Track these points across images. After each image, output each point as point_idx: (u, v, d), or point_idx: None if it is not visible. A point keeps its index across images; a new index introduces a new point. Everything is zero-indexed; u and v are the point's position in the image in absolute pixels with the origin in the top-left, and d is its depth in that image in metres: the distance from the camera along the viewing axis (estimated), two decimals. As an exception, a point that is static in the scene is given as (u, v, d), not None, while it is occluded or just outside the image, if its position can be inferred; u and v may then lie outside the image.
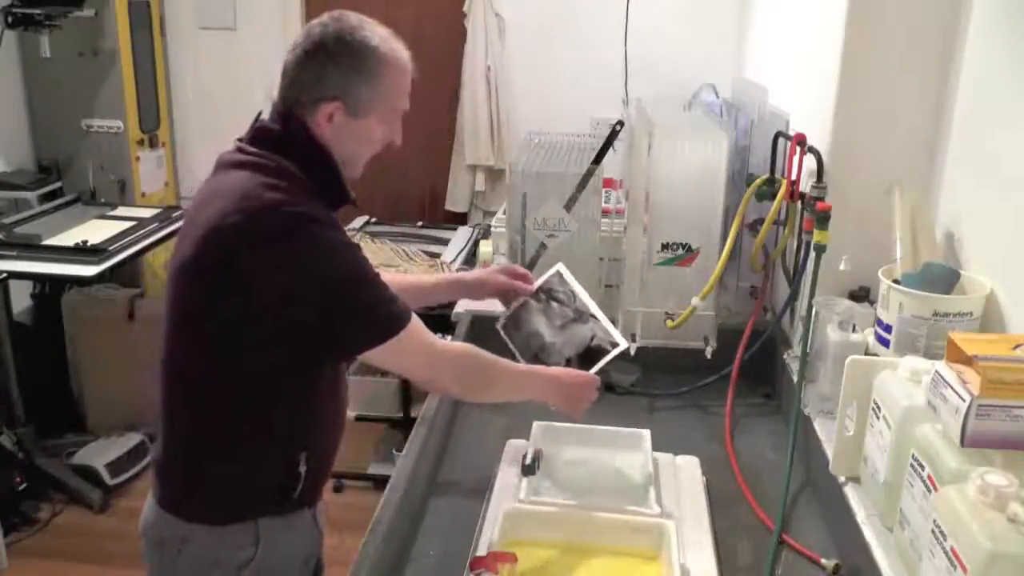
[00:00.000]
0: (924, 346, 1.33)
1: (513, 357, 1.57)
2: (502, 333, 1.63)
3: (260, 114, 1.30)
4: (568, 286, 1.61)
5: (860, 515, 1.25)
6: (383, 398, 3.12)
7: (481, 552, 1.23)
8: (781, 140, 1.86)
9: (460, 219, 3.71)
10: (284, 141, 1.24)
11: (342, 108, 1.25)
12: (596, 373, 1.48)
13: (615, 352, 1.50)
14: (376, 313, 1.23)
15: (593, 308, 1.57)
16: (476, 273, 1.69)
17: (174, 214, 3.20)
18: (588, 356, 1.51)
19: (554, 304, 1.60)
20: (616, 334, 1.53)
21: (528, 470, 1.41)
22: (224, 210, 1.16)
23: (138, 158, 3.50)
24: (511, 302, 1.65)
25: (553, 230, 2.01)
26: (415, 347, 1.27)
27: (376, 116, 1.29)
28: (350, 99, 1.26)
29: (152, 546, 1.31)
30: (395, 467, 1.43)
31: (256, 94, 3.68)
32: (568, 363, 1.51)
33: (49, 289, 3.35)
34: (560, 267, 1.65)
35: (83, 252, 2.78)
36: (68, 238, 2.89)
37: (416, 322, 1.26)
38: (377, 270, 1.26)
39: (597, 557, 1.26)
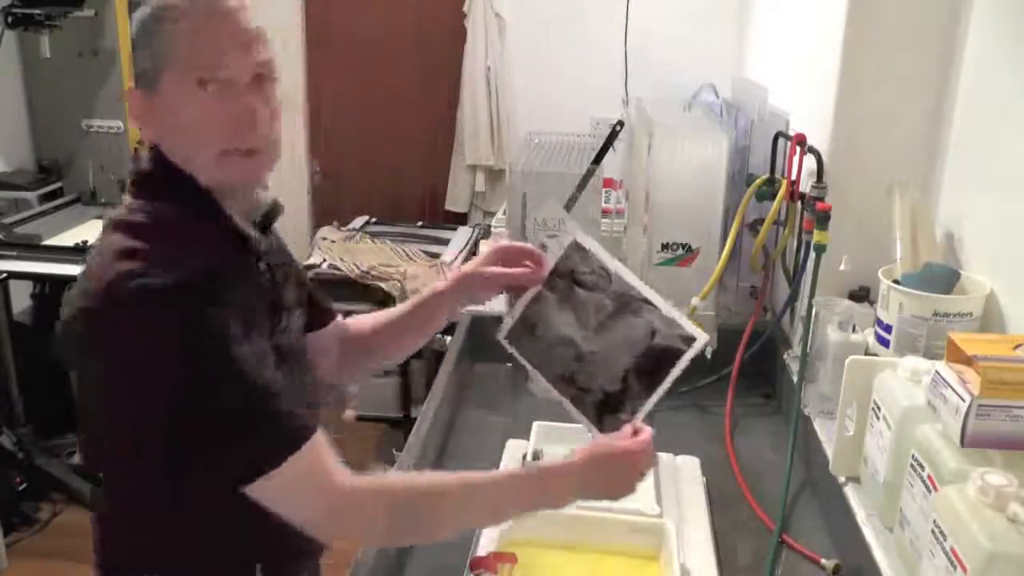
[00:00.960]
0: (924, 346, 1.33)
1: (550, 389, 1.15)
2: (511, 349, 1.18)
3: (137, 148, 1.06)
4: (595, 260, 1.13)
5: (860, 515, 1.25)
6: (383, 398, 3.13)
7: (481, 552, 1.23)
8: (781, 140, 1.86)
9: (460, 219, 3.71)
10: (157, 178, 0.99)
11: (135, 90, 0.98)
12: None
13: (694, 351, 1.06)
14: (246, 430, 0.90)
15: (642, 287, 1.10)
16: (460, 273, 1.22)
17: (174, 214, 3.20)
18: (652, 363, 1.08)
19: (579, 291, 1.12)
20: (686, 323, 1.09)
21: (528, 470, 1.40)
22: (77, 290, 0.94)
23: (138, 158, 3.49)
24: (519, 296, 1.19)
25: (553, 230, 2.00)
26: (307, 483, 0.93)
27: (176, 80, 0.94)
28: (140, 73, 0.98)
29: None
30: (395, 467, 1.43)
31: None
32: (625, 379, 1.09)
33: (49, 289, 3.35)
34: (575, 230, 1.16)
35: (83, 252, 2.75)
36: (68, 238, 2.89)
37: (313, 448, 0.92)
38: (272, 374, 0.93)
39: (597, 557, 1.26)
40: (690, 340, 1.07)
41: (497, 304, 1.57)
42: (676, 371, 1.07)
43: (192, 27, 0.95)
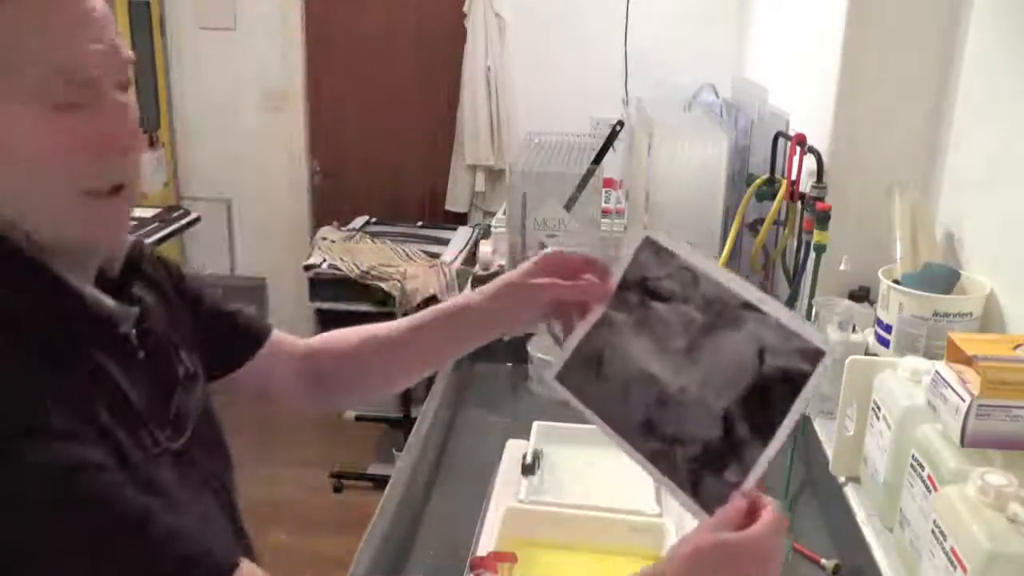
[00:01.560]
0: (924, 346, 1.33)
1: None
2: (566, 395, 0.87)
3: None
4: (677, 261, 0.84)
5: (860, 515, 1.24)
6: (383, 398, 3.12)
7: (481, 552, 1.23)
8: (781, 140, 1.86)
9: (460, 219, 3.71)
10: None
11: None
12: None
13: (823, 370, 0.75)
14: None
15: (741, 287, 0.80)
16: (494, 287, 0.91)
17: (174, 214, 3.20)
18: (765, 394, 0.77)
19: (657, 306, 0.84)
20: (808, 330, 0.77)
21: (528, 470, 1.40)
22: None
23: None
24: (569, 322, 0.89)
25: (553, 230, 2.01)
26: None
27: (23, 96, 0.64)
28: None
29: None
30: (395, 467, 1.43)
31: (256, 94, 3.71)
32: (728, 422, 0.77)
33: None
34: (650, 232, 0.88)
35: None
36: (68, 238, 2.89)
37: None
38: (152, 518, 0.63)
39: (597, 557, 1.26)
40: (815, 355, 0.75)
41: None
42: (801, 404, 0.75)
43: (25, 9, 0.65)
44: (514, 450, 1.52)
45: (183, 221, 3.20)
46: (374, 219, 3.61)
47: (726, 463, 0.77)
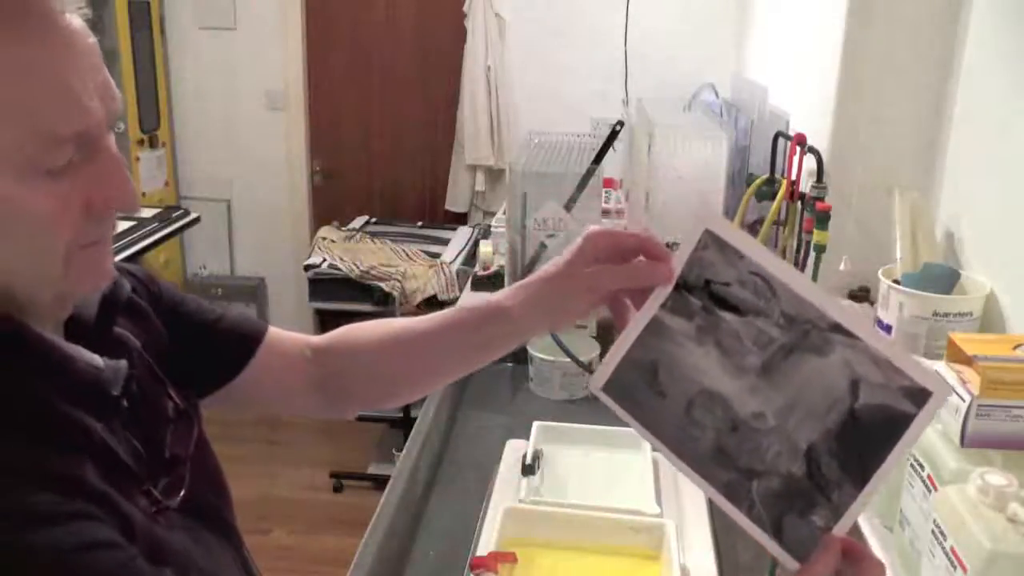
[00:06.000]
0: (924, 346, 1.33)
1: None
2: (615, 407, 0.74)
3: None
4: (746, 263, 0.70)
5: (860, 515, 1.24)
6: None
7: (481, 552, 1.23)
8: (781, 140, 1.86)
9: (460, 219, 3.71)
10: None
11: None
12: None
13: (929, 413, 0.64)
14: None
15: (832, 306, 0.68)
16: (538, 282, 0.78)
17: (174, 214, 3.20)
18: (859, 433, 0.66)
19: (725, 315, 0.71)
20: (912, 364, 0.65)
21: (528, 470, 1.40)
22: None
23: (138, 158, 3.50)
24: (624, 313, 0.75)
25: (553, 230, 2.01)
26: None
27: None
28: None
29: None
30: (395, 467, 1.43)
31: (256, 94, 3.71)
32: (812, 458, 0.67)
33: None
34: (707, 219, 0.72)
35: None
36: (68, 238, 2.89)
37: None
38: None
39: (597, 557, 1.26)
40: (920, 395, 0.64)
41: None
42: (901, 449, 0.65)
43: (18, 56, 0.55)
44: (514, 450, 1.52)
45: (183, 221, 3.20)
46: (374, 219, 3.61)
47: (813, 504, 0.67)
